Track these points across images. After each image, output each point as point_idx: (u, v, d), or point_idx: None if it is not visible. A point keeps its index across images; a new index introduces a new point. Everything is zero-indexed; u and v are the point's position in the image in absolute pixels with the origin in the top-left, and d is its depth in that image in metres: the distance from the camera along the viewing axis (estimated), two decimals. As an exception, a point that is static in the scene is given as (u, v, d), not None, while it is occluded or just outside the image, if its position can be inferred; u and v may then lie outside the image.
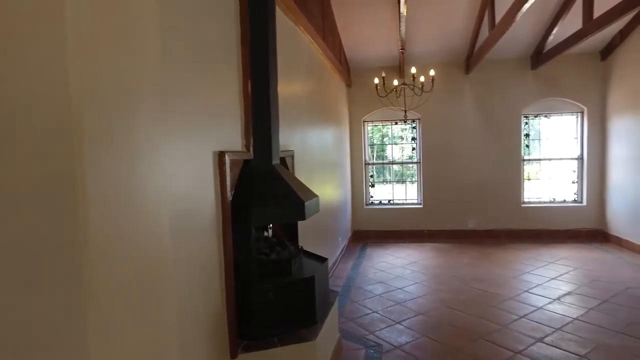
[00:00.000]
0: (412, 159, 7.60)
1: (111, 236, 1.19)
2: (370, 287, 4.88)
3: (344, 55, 6.90)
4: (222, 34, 2.26)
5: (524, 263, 5.67)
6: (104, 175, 1.17)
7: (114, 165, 1.21)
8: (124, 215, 1.25)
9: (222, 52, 2.25)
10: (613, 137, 6.60)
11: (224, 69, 2.28)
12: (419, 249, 6.64)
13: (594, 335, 3.46)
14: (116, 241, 1.21)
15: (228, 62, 2.32)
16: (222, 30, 2.27)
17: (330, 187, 5.49)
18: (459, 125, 7.20)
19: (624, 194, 6.32)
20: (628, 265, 5.47)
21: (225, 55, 2.29)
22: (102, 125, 1.16)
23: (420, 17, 5.94)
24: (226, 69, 2.30)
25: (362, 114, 7.48)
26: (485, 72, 7.04)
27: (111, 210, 1.19)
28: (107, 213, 1.18)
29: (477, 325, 3.73)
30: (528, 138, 7.25)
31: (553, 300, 4.27)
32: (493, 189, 7.13)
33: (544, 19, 6.08)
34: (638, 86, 5.95)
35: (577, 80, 6.90)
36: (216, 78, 2.18)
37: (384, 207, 7.63)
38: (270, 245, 2.73)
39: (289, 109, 3.64)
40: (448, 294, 4.58)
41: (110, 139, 1.19)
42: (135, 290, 1.30)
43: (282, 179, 2.54)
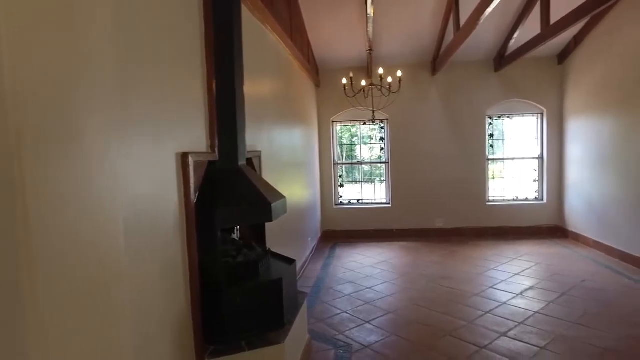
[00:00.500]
0: (381, 159, 7.68)
1: (54, 238, 1.13)
2: (340, 287, 4.90)
3: (313, 55, 6.90)
4: (184, 32, 2.20)
5: (489, 260, 5.83)
6: (47, 176, 1.11)
7: (58, 165, 1.15)
8: (70, 216, 1.19)
9: (184, 51, 2.19)
10: (570, 138, 6.90)
11: (187, 68, 2.22)
12: (388, 248, 6.72)
13: (553, 327, 3.60)
14: (61, 244, 1.15)
15: (191, 61, 2.27)
16: (184, 29, 2.21)
17: (299, 188, 5.48)
18: (426, 125, 7.33)
19: (579, 192, 6.61)
20: (584, 259, 5.72)
21: (188, 54, 2.23)
22: (45, 125, 1.11)
23: (388, 19, 6.01)
24: (189, 68, 2.24)
25: (331, 114, 7.50)
26: (451, 73, 7.20)
27: (55, 212, 1.13)
28: (50, 215, 1.12)
29: (445, 322, 3.80)
30: (492, 138, 7.47)
31: (516, 295, 4.41)
32: (459, 188, 7.30)
33: (506, 23, 6.27)
34: (590, 89, 6.24)
35: (537, 83, 7.16)
36: (179, 78, 2.12)
37: (353, 207, 7.68)
38: (237, 248, 2.68)
39: (256, 109, 3.60)
40: (417, 292, 4.65)
41: (55, 138, 1.14)
42: (84, 296, 1.24)
43: (248, 180, 2.50)
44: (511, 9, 5.96)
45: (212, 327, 2.33)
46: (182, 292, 2.10)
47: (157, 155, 1.87)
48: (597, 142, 6.08)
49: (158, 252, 1.87)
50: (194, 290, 2.17)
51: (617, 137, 5.61)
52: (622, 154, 5.49)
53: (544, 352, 3.20)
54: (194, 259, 2.15)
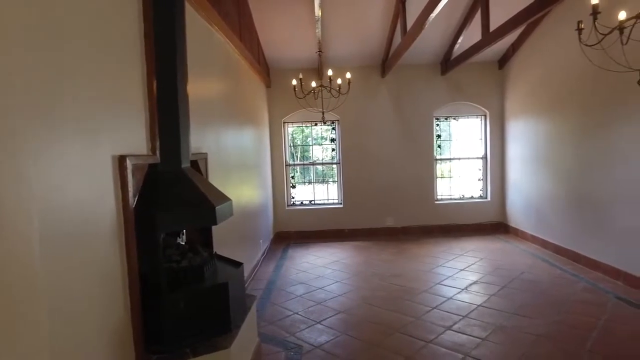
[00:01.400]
0: (333, 159, 7.75)
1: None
2: (291, 288, 4.89)
3: (263, 55, 6.85)
4: (119, 29, 2.11)
5: (437, 257, 6.03)
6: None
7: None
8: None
9: (120, 48, 2.10)
10: (510, 139, 7.29)
11: (124, 66, 2.13)
12: (341, 248, 6.79)
13: (494, 319, 3.79)
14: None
15: (128, 59, 2.17)
16: (120, 24, 2.12)
17: (249, 189, 5.41)
18: (377, 126, 7.48)
19: (519, 190, 6.99)
20: (523, 253, 6.06)
21: (124, 51, 2.13)
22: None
23: (337, 21, 6.08)
24: (126, 66, 2.15)
25: (283, 115, 7.47)
26: (400, 76, 7.39)
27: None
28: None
29: (394, 320, 3.89)
30: (439, 139, 7.74)
31: (461, 290, 4.59)
32: (409, 188, 7.51)
33: (451, 29, 6.53)
34: (527, 93, 6.63)
35: (480, 86, 7.51)
36: (114, 76, 2.02)
37: (305, 208, 7.70)
38: (182, 252, 2.60)
39: (203, 110, 3.52)
40: (368, 290, 4.72)
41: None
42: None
43: (191, 183, 2.44)
44: (455, 16, 6.21)
45: (155, 335, 2.25)
46: (121, 301, 2.01)
47: (89, 159, 1.78)
48: (534, 143, 6.47)
49: (91, 260, 1.77)
50: (133, 298, 2.08)
51: (550, 138, 5.99)
52: (555, 154, 5.87)
53: (485, 343, 3.35)
54: (133, 265, 2.07)
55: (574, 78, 5.36)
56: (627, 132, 4.49)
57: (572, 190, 5.53)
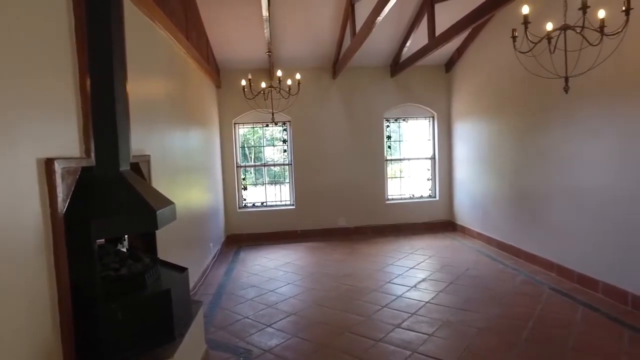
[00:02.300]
0: (285, 160, 7.71)
1: None
2: (242, 292, 4.81)
3: (213, 55, 6.70)
4: (44, 18, 1.96)
5: (387, 255, 6.15)
6: None
7: None
8: None
9: (45, 42, 1.95)
10: (456, 140, 7.57)
11: (50, 63, 1.99)
12: (293, 249, 6.76)
13: (441, 315, 3.91)
14: None
15: (56, 55, 2.03)
16: (46, 14, 1.98)
17: (198, 192, 5.27)
18: (328, 127, 7.53)
19: (465, 189, 7.28)
20: (469, 249, 6.32)
21: (51, 46, 1.99)
22: None
23: (287, 22, 6.06)
24: (53, 63, 2.01)
25: (233, 116, 7.35)
26: (351, 77, 7.48)
27: None
28: None
29: (345, 320, 3.92)
30: (390, 140, 7.91)
31: (410, 288, 4.71)
32: (360, 188, 7.61)
33: (399, 32, 6.68)
34: (471, 96, 6.92)
35: (428, 89, 7.75)
36: (39, 74, 1.89)
37: (257, 210, 7.61)
38: (121, 259, 2.48)
39: (145, 110, 3.38)
40: (319, 291, 4.73)
41: None
42: None
43: (130, 187, 2.33)
44: (403, 20, 6.37)
45: (91, 350, 2.12)
46: (49, 317, 1.87)
47: (5, 163, 1.63)
48: (478, 144, 6.76)
49: (7, 274, 1.63)
50: (64, 313, 1.95)
51: (493, 140, 6.28)
52: (497, 155, 6.17)
53: (432, 339, 3.45)
54: (63, 276, 1.94)
55: (512, 83, 5.65)
56: (558, 134, 4.79)
57: (512, 189, 5.83)
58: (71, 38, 2.15)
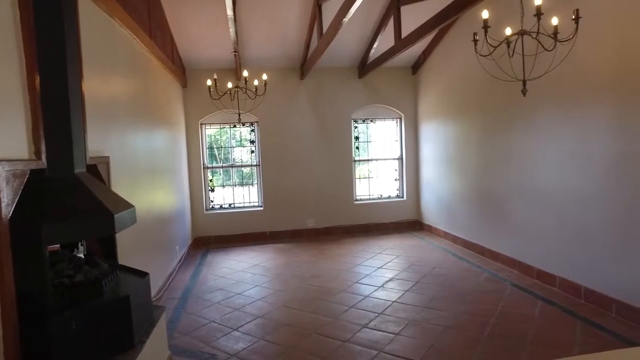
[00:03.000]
0: (252, 161, 7.63)
1: None
2: (209, 295, 4.71)
3: (178, 54, 6.55)
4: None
5: (356, 256, 6.18)
6: None
7: None
8: None
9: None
10: (423, 140, 7.70)
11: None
12: (262, 251, 6.70)
13: (407, 314, 3.95)
14: None
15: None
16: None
17: (163, 194, 5.14)
18: (296, 128, 7.50)
19: (432, 189, 7.42)
20: (436, 248, 6.43)
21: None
22: None
23: (254, 22, 6.00)
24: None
25: (200, 116, 7.21)
26: (319, 78, 7.48)
27: None
28: None
29: (312, 321, 3.90)
30: (358, 140, 7.96)
31: (378, 288, 4.74)
32: (329, 189, 7.62)
33: (366, 34, 6.73)
34: (436, 97, 7.06)
35: (396, 90, 7.84)
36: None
37: (225, 212, 7.49)
38: (76, 266, 2.37)
39: (104, 109, 3.26)
40: (287, 293, 4.70)
41: None
42: None
43: (86, 190, 2.23)
44: (370, 22, 6.42)
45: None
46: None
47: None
48: (443, 144, 6.90)
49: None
50: (8, 325, 1.83)
51: (458, 140, 6.42)
52: (462, 155, 6.31)
53: (398, 338, 3.48)
54: (7, 287, 1.83)
55: (475, 85, 5.79)
56: (520, 135, 4.94)
57: (476, 188, 5.97)
58: (16, 32, 2.04)
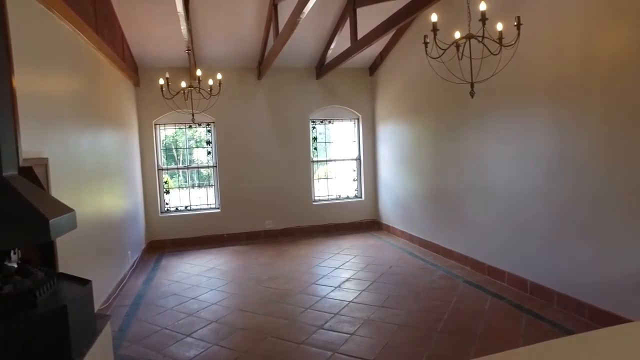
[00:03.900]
0: (209, 162, 7.47)
1: None
2: (162, 301, 4.56)
3: (130, 51, 6.31)
4: None
5: (314, 257, 6.18)
6: None
7: None
8: None
9: None
10: (380, 141, 7.82)
11: None
12: (219, 254, 6.57)
13: (363, 313, 3.98)
14: None
15: None
16: None
17: (113, 198, 4.93)
18: (254, 129, 7.41)
19: (389, 189, 7.54)
20: (393, 247, 6.54)
21: None
22: None
23: (209, 20, 5.87)
24: None
25: (154, 116, 6.97)
26: (277, 78, 7.43)
27: None
28: None
29: (267, 324, 3.86)
30: (316, 141, 7.97)
31: (335, 288, 4.76)
32: (287, 189, 7.58)
33: (323, 35, 6.74)
34: (392, 99, 7.18)
35: (353, 91, 7.92)
36: None
37: (181, 214, 7.29)
38: (5, 276, 2.21)
39: (42, 108, 3.08)
40: (243, 297, 4.63)
41: None
42: None
43: (16, 194, 2.09)
44: (327, 23, 6.43)
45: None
46: None
47: None
48: (399, 145, 7.03)
49: None
50: None
51: (413, 141, 6.56)
52: (417, 155, 6.45)
53: (353, 338, 3.50)
54: None
55: (429, 87, 5.93)
56: (471, 136, 5.11)
57: (431, 188, 6.12)
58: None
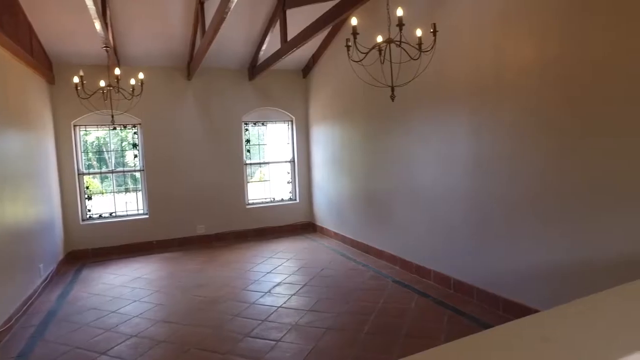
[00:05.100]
0: (136, 166, 7.09)
1: None
2: (78, 317, 4.23)
3: (41, 46, 5.82)
4: None
5: (246, 262, 6.06)
6: None
7: None
8: None
9: None
10: (314, 143, 7.85)
11: None
12: (146, 262, 6.24)
13: (291, 319, 3.95)
14: None
15: None
16: None
17: (19, 206, 4.51)
18: (184, 130, 7.15)
19: (322, 190, 7.59)
20: (326, 249, 6.58)
21: None
22: None
23: (132, 16, 5.58)
24: None
25: (73, 117, 6.48)
26: (208, 79, 7.22)
27: None
28: None
29: (192, 335, 3.71)
30: (249, 143, 7.83)
31: (264, 294, 4.68)
32: (220, 193, 7.39)
33: (254, 36, 6.64)
34: (325, 101, 7.25)
35: (287, 93, 7.88)
36: None
37: (105, 221, 6.84)
38: None
39: None
40: (168, 307, 4.42)
41: None
42: None
43: None
44: (257, 23, 6.34)
45: None
46: None
47: None
48: (332, 147, 7.10)
49: None
50: None
51: (344, 143, 6.65)
52: (349, 157, 6.55)
53: (280, 344, 3.45)
54: None
55: (358, 90, 6.04)
56: (396, 138, 5.26)
57: (362, 189, 6.23)
58: None
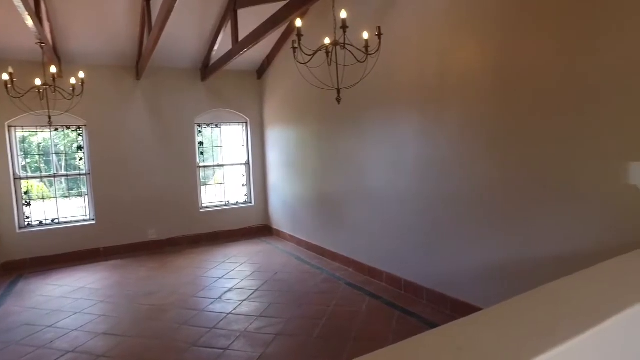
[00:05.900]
0: (81, 169, 6.73)
1: None
2: (6, 335, 3.91)
3: (-30, 41, 5.41)
4: None
5: (199, 267, 5.89)
6: None
7: None
8: None
9: None
10: (269, 145, 7.75)
11: None
12: (92, 271, 5.93)
13: (240, 325, 3.86)
14: None
15: None
16: None
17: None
18: (133, 132, 6.85)
19: (278, 193, 7.51)
20: (281, 253, 6.50)
21: None
22: None
23: (74, 11, 5.27)
24: None
25: (6, 117, 6.05)
26: (159, 79, 6.96)
27: None
28: None
29: (135, 347, 3.54)
30: (202, 146, 7.63)
31: (214, 300, 4.55)
32: (172, 197, 7.14)
33: (206, 35, 6.46)
34: (279, 103, 7.18)
35: (241, 94, 7.73)
36: None
37: (46, 228, 6.44)
38: None
39: None
40: (112, 318, 4.20)
41: None
42: None
43: None
44: (209, 23, 6.18)
45: None
46: None
47: None
48: (286, 149, 7.03)
49: None
50: None
51: (298, 145, 6.61)
52: (303, 159, 6.50)
53: (227, 353, 3.36)
54: None
55: (310, 91, 5.95)
56: (349, 140, 5.27)
57: (317, 191, 6.20)
58: None
